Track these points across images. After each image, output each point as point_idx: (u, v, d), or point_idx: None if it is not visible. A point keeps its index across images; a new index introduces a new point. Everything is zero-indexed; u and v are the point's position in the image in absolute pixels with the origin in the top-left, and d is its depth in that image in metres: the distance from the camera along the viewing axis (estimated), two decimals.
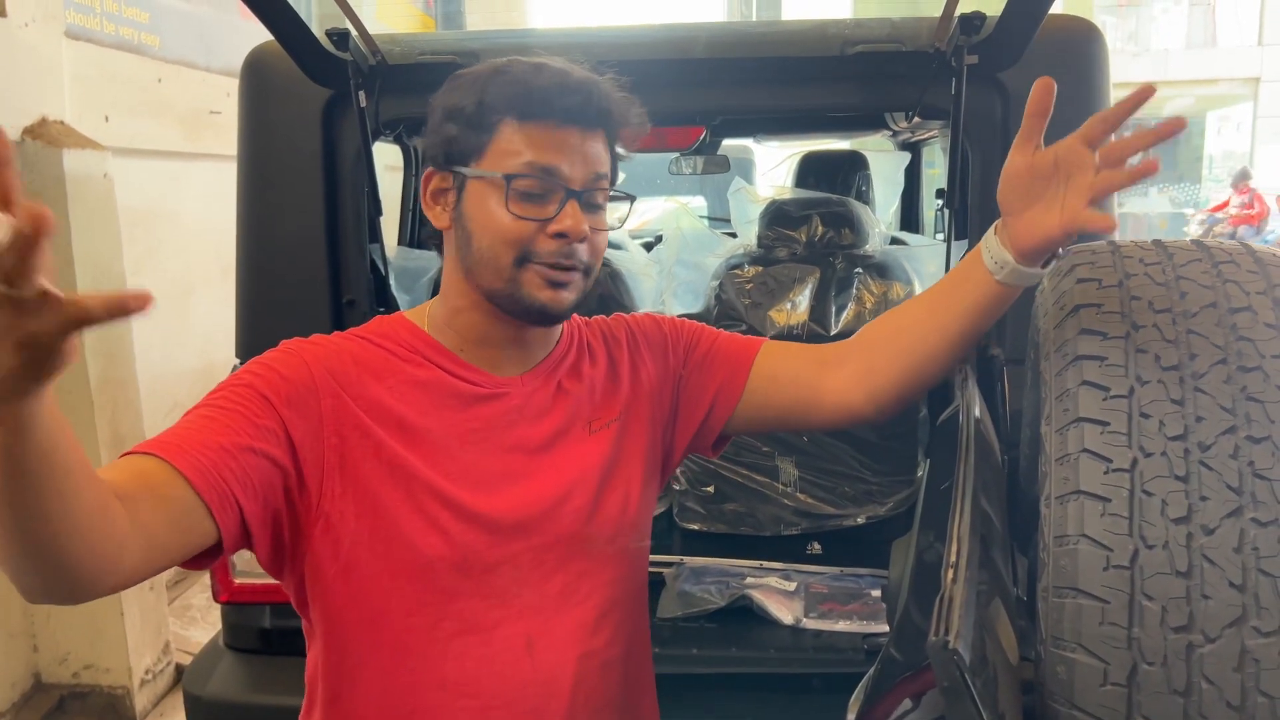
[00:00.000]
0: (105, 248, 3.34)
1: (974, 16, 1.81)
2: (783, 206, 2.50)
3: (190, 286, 4.31)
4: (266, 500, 1.10)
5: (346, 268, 2.09)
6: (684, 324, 1.45)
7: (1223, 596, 1.00)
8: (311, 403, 1.15)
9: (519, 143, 1.18)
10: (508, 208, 1.17)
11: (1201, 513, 1.03)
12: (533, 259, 1.19)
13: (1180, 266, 1.23)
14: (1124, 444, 1.07)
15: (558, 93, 1.19)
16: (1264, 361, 1.09)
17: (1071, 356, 1.16)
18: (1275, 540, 1.00)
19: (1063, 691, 1.06)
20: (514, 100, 1.18)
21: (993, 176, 1.99)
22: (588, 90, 1.21)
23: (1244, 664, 0.99)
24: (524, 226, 1.18)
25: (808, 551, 2.57)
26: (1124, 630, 1.03)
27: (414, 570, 1.18)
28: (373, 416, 1.17)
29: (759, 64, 2.01)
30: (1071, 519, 1.07)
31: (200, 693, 2.09)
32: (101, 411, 3.26)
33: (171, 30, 4.16)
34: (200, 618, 4.01)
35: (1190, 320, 1.15)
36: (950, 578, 0.95)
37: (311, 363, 1.17)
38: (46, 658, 3.40)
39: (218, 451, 1.04)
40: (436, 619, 1.20)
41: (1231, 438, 1.05)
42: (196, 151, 4.26)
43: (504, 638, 1.22)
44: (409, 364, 1.23)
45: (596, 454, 1.30)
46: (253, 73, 2.08)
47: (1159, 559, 1.03)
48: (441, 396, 1.22)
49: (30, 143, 3.16)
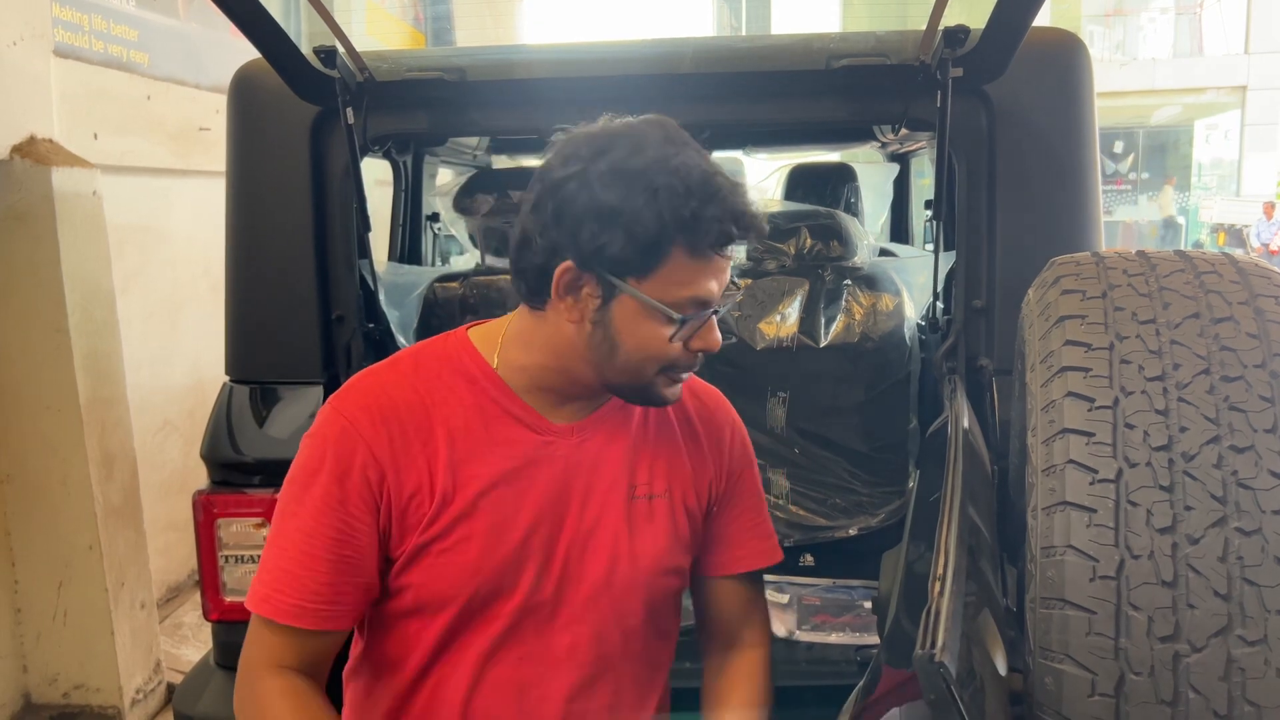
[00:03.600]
0: (94, 265, 3.33)
1: (958, 30, 1.82)
2: (772, 219, 2.51)
3: (180, 303, 4.30)
4: (370, 566, 1.26)
5: (335, 284, 2.08)
6: (745, 459, 1.49)
7: (1208, 606, 1.01)
8: (374, 484, 1.24)
9: (688, 274, 1.19)
10: (671, 339, 1.21)
11: (1186, 523, 1.03)
12: (671, 370, 1.25)
13: (1163, 277, 1.23)
14: (1109, 455, 1.08)
15: (732, 229, 1.19)
16: (1246, 371, 1.09)
17: (1056, 368, 1.17)
18: (1259, 549, 1.01)
19: (1051, 702, 1.06)
20: (691, 232, 1.16)
21: (978, 188, 2.02)
22: (752, 223, 1.21)
23: (1230, 673, 0.99)
24: (677, 348, 1.23)
25: (800, 564, 2.56)
26: (1111, 640, 1.03)
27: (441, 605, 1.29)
28: (423, 462, 1.25)
29: (745, 78, 2.02)
30: (1058, 530, 1.08)
31: (191, 712, 2.08)
32: (91, 430, 3.25)
33: (161, 48, 4.16)
34: (191, 636, 3.99)
35: (1174, 331, 1.15)
36: (937, 590, 0.95)
37: (370, 442, 1.24)
38: (36, 678, 3.38)
39: (329, 589, 1.22)
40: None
41: (1215, 447, 1.05)
42: (186, 168, 4.26)
43: (498, 678, 1.30)
44: (459, 404, 1.28)
45: (630, 520, 1.33)
46: (241, 90, 2.08)
47: (1145, 569, 1.03)
48: (492, 433, 1.28)
49: (19, 161, 3.16)
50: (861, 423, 2.43)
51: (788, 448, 2.46)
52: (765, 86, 2.03)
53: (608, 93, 2.08)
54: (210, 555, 2.05)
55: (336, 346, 2.10)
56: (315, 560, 1.22)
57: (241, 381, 2.11)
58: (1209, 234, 20.15)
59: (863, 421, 2.43)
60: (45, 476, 3.25)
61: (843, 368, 2.38)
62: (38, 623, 3.33)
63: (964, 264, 2.04)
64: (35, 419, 3.22)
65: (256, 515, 2.05)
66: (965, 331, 2.03)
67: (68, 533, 3.27)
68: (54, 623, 3.33)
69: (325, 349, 2.09)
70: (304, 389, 2.09)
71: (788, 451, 2.45)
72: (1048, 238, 1.99)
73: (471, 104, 2.05)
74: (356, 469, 1.23)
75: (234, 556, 2.07)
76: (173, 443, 4.18)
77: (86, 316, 3.26)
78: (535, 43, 6.50)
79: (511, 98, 2.06)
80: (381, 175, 3.19)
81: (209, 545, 2.05)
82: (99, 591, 3.30)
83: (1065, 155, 2.01)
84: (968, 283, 2.04)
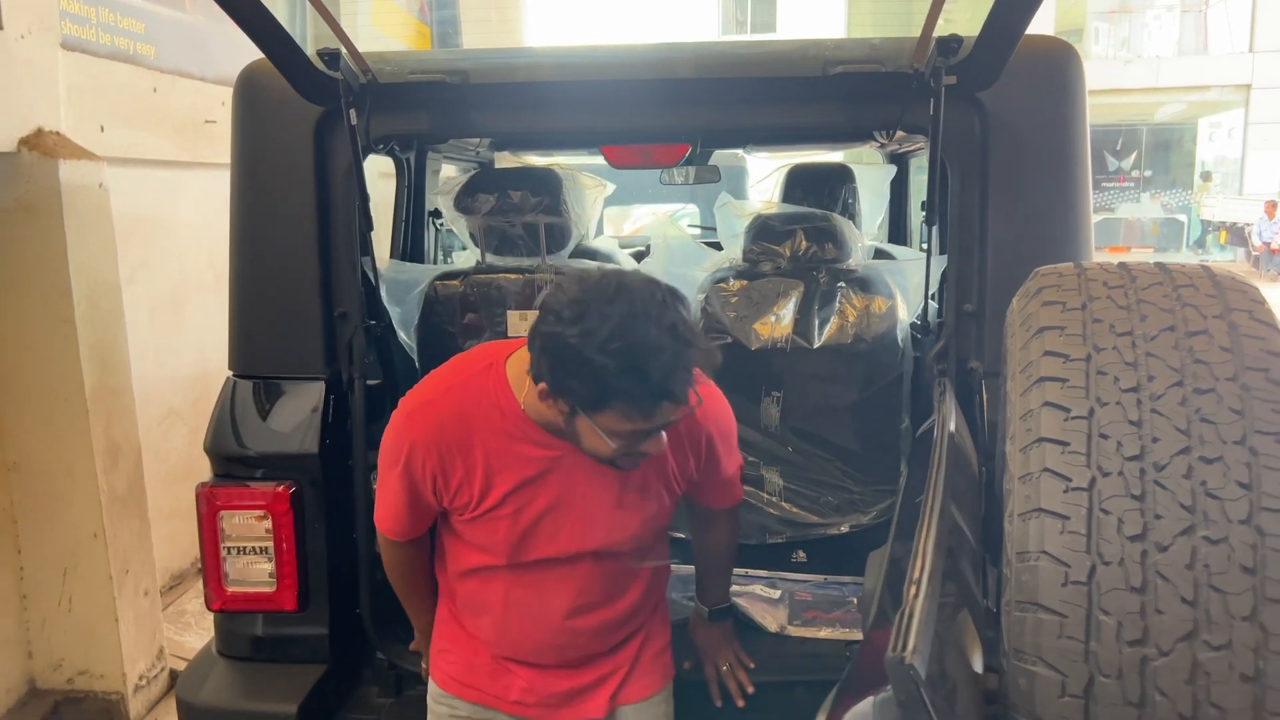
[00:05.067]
0: (101, 257, 3.37)
1: (951, 39, 1.85)
2: (767, 221, 2.54)
3: (185, 295, 4.34)
4: (430, 514, 1.82)
5: (338, 281, 2.12)
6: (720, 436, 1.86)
7: (1175, 611, 1.04)
8: (431, 471, 1.73)
9: (625, 422, 1.53)
10: (616, 454, 1.60)
11: (1156, 530, 1.07)
12: (616, 459, 1.62)
13: (1142, 290, 1.27)
14: (1083, 464, 1.11)
15: (660, 404, 1.51)
16: (1218, 384, 1.13)
17: (1035, 377, 1.20)
18: (1225, 557, 1.04)
19: (1024, 703, 1.10)
20: (625, 400, 1.50)
21: (971, 193, 2.05)
22: (686, 374, 1.50)
23: (1195, 676, 1.03)
24: (618, 444, 1.58)
25: (793, 559, 2.60)
26: (1081, 644, 1.07)
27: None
28: (465, 466, 1.72)
29: (742, 84, 2.05)
30: (1033, 536, 1.11)
31: (193, 700, 2.12)
32: (96, 418, 3.29)
33: (167, 40, 4.18)
34: (194, 624, 4.04)
35: (1150, 343, 1.19)
36: (912, 594, 0.99)
37: (419, 445, 1.71)
38: (41, 664, 3.42)
39: (420, 515, 1.80)
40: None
41: (1185, 458, 1.09)
42: (192, 160, 4.28)
43: (526, 582, 1.82)
44: (495, 425, 1.70)
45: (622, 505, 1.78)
46: (247, 89, 2.11)
47: (1115, 575, 1.07)
48: (521, 449, 1.71)
49: (26, 153, 3.19)
50: (854, 422, 2.46)
51: (781, 446, 2.50)
52: (762, 92, 2.07)
53: (606, 97, 2.11)
54: (213, 546, 2.10)
55: (338, 342, 2.14)
56: (399, 509, 1.78)
57: (245, 376, 2.15)
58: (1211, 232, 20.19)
59: (855, 421, 2.46)
60: (51, 465, 3.30)
61: (836, 368, 2.41)
62: (43, 609, 3.38)
63: (955, 268, 2.07)
64: (41, 408, 3.26)
65: (259, 508, 2.09)
66: (956, 334, 2.06)
67: (73, 520, 3.32)
68: (59, 609, 3.37)
69: (327, 345, 2.13)
70: (306, 384, 2.13)
71: (781, 450, 2.49)
72: (1038, 243, 2.03)
73: (473, 106, 2.09)
74: (417, 467, 1.72)
75: (236, 548, 2.11)
76: (177, 432, 4.23)
77: (92, 307, 3.30)
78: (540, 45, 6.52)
79: (512, 101, 2.09)
80: (386, 168, 3.22)
81: (212, 537, 2.10)
82: (103, 579, 3.34)
83: (1056, 162, 2.04)
84: (959, 286, 2.07)
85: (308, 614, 2.13)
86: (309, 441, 2.10)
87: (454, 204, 2.55)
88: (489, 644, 1.88)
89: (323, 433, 2.10)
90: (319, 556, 2.12)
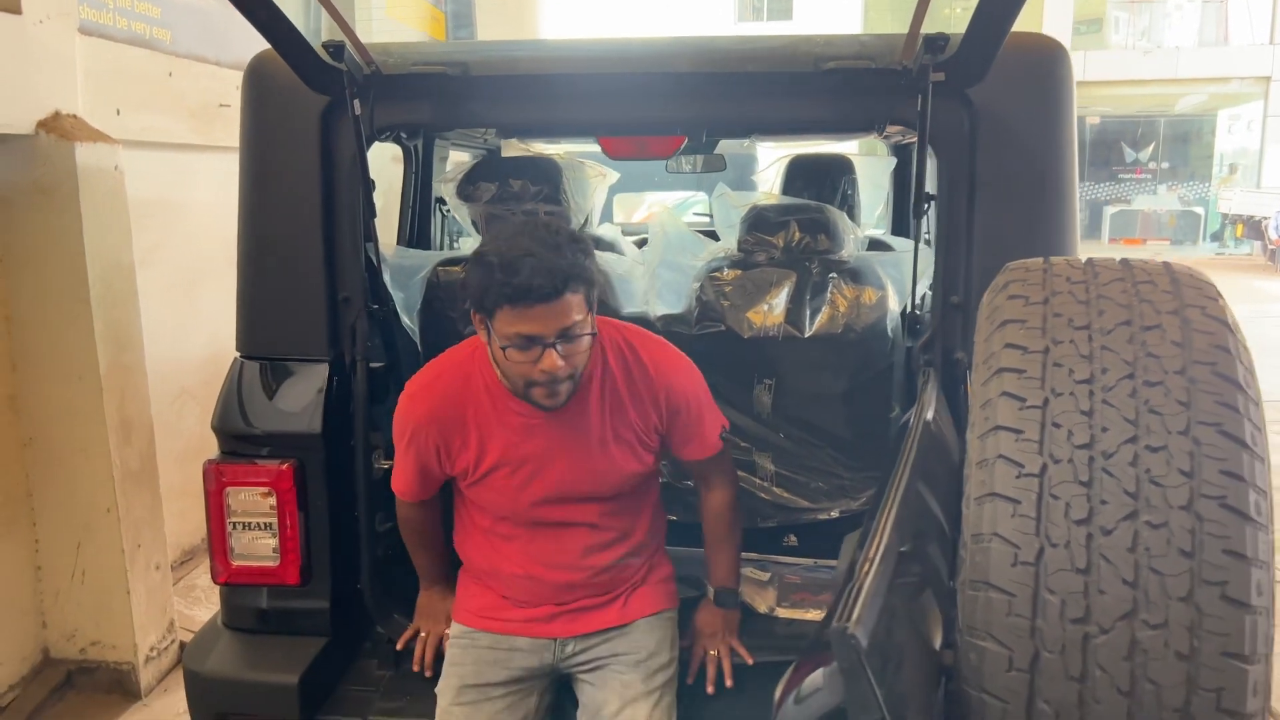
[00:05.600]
0: (115, 239, 3.44)
1: (938, 37, 1.89)
2: (762, 212, 2.59)
3: (198, 276, 4.41)
4: (438, 478, 2.10)
5: (342, 266, 2.18)
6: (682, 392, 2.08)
7: (1116, 592, 1.10)
8: (432, 443, 2.03)
9: (510, 323, 1.79)
10: (511, 363, 1.84)
11: (1101, 515, 1.13)
12: (533, 385, 1.86)
13: (1103, 285, 1.32)
14: (1035, 451, 1.17)
15: (527, 288, 1.75)
16: (1167, 377, 1.18)
17: (995, 368, 1.26)
18: (1165, 541, 1.10)
19: (974, 676, 1.16)
20: (501, 298, 1.77)
21: (958, 187, 2.10)
22: (548, 273, 1.76)
23: (1134, 653, 1.09)
24: (521, 368, 1.84)
25: (785, 543, 2.66)
26: (1028, 621, 1.13)
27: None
28: (460, 437, 2.01)
29: (737, 78, 2.10)
30: (986, 519, 1.17)
31: (199, 669, 2.18)
32: (110, 396, 3.37)
33: (182, 25, 4.25)
34: (204, 598, 4.12)
35: (1105, 337, 1.24)
36: (864, 570, 1.05)
37: (418, 418, 2.03)
38: (55, 634, 3.52)
39: (429, 479, 2.09)
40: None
41: (1132, 447, 1.15)
42: (206, 144, 4.34)
43: (536, 535, 2.07)
44: (480, 401, 2.00)
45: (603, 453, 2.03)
46: (255, 79, 2.17)
47: (1061, 557, 1.13)
48: (504, 418, 1.99)
49: (44, 136, 3.27)
50: (844, 410, 2.52)
51: (773, 432, 2.55)
52: (757, 86, 2.11)
53: (606, 90, 2.16)
54: (219, 522, 2.16)
55: (342, 326, 2.20)
56: (411, 476, 2.08)
57: (251, 357, 2.22)
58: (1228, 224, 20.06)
59: (845, 409, 2.51)
60: (66, 441, 3.38)
61: (826, 357, 2.46)
62: (57, 581, 3.47)
63: (942, 260, 2.11)
64: (57, 386, 3.35)
65: (264, 485, 2.16)
66: (942, 325, 2.11)
67: (87, 495, 3.40)
68: (72, 581, 3.47)
69: (331, 328, 2.19)
70: (311, 365, 2.19)
71: (773, 436, 2.55)
72: (1024, 237, 2.07)
73: (474, 97, 2.14)
74: (421, 441, 2.02)
75: (242, 523, 2.18)
76: (189, 411, 4.31)
77: (107, 288, 3.38)
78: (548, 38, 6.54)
79: (512, 92, 2.14)
80: (398, 153, 3.27)
81: (218, 512, 2.16)
82: (116, 552, 3.43)
83: (1043, 157, 2.08)
84: (945, 278, 2.11)
85: (310, 588, 2.19)
86: (313, 421, 2.16)
87: (456, 191, 2.61)
88: (513, 596, 2.10)
89: (326, 413, 2.16)
90: (321, 533, 2.18)
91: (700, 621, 2.18)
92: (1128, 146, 22.97)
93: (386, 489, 2.27)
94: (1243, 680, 1.06)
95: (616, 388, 2.02)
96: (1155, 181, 23.01)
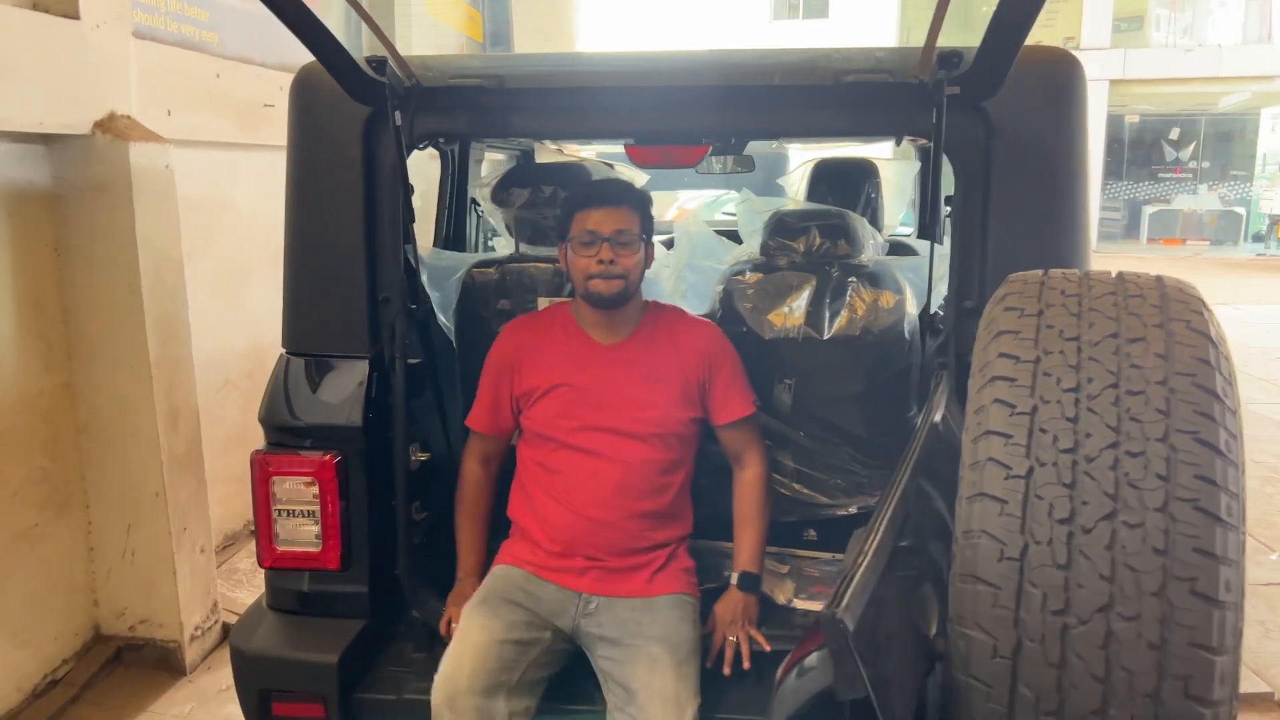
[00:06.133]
0: (165, 235, 3.58)
1: (951, 54, 1.96)
2: (784, 218, 2.68)
3: (244, 270, 4.56)
4: (509, 406, 2.43)
5: (383, 268, 2.28)
6: (724, 354, 2.43)
7: (1094, 586, 1.19)
8: (510, 364, 2.41)
9: (579, 224, 2.30)
10: (575, 255, 2.31)
11: (1081, 515, 1.21)
12: (591, 278, 2.28)
13: (1095, 299, 1.40)
14: (1023, 454, 1.26)
15: (595, 192, 2.35)
16: (1149, 387, 1.26)
17: (989, 376, 1.35)
18: (1140, 540, 1.19)
19: (962, 663, 1.26)
20: (575, 204, 2.34)
21: (974, 196, 2.17)
22: (612, 185, 2.41)
23: (1108, 643, 1.18)
24: (585, 262, 2.28)
25: (805, 538, 2.75)
26: (1012, 612, 1.22)
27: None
28: (531, 360, 2.39)
29: (761, 91, 2.18)
30: (976, 517, 1.26)
31: (245, 647, 2.29)
32: (159, 385, 3.51)
33: (230, 28, 4.40)
34: (245, 581, 4.27)
35: (1093, 348, 1.33)
36: (857, 562, 1.14)
37: (506, 345, 2.44)
38: (106, 611, 3.68)
39: (500, 409, 2.43)
40: None
41: (1113, 452, 1.23)
42: (251, 142, 4.48)
43: (583, 461, 2.32)
44: (554, 330, 2.42)
45: (648, 391, 2.36)
46: (302, 89, 2.29)
47: (1044, 553, 1.21)
48: (570, 346, 2.39)
49: (100, 136, 3.41)
50: (862, 410, 2.60)
51: (794, 430, 2.64)
52: (780, 99, 2.20)
53: (634, 102, 2.26)
54: (265, 509, 2.28)
55: (382, 324, 2.31)
56: (485, 403, 2.43)
57: (296, 354, 2.33)
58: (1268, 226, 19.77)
59: (864, 409, 2.60)
60: (118, 427, 3.53)
61: (845, 359, 2.54)
62: (108, 561, 3.63)
63: (957, 266, 2.19)
64: (109, 374, 3.50)
65: (307, 475, 2.27)
66: (956, 329, 2.18)
67: (136, 479, 3.55)
68: (123, 561, 3.62)
69: (372, 326, 2.30)
70: (352, 362, 2.31)
71: (793, 434, 2.64)
72: (1037, 244, 2.14)
73: (508, 108, 2.24)
74: (501, 357, 2.42)
75: (286, 511, 2.29)
76: (233, 400, 4.46)
77: (157, 281, 3.52)
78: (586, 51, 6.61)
79: (545, 104, 2.24)
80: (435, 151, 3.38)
81: (264, 500, 2.28)
82: (163, 535, 3.58)
83: (1057, 168, 2.15)
84: (960, 284, 2.19)
85: (349, 573, 2.29)
86: (354, 415, 2.26)
87: (490, 196, 2.72)
88: (551, 541, 2.29)
89: (366, 407, 2.27)
90: (361, 521, 2.29)
91: (720, 609, 2.29)
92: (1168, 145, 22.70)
93: (423, 480, 2.39)
94: (1210, 669, 1.15)
95: (665, 334, 2.39)
96: (1196, 181, 22.72)
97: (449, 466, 2.55)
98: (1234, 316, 12.71)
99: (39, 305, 3.37)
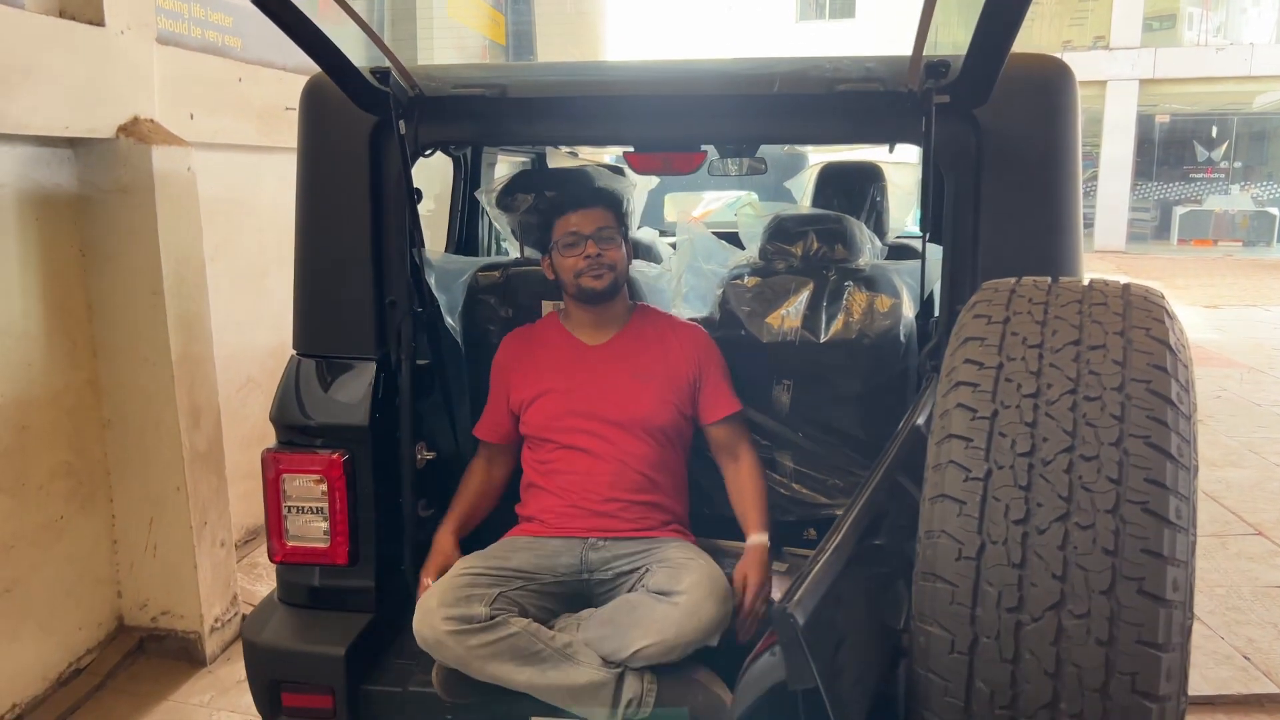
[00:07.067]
0: (188, 236, 3.68)
1: (939, 63, 2.00)
2: (783, 223, 2.73)
3: (264, 270, 4.65)
4: (509, 414, 2.57)
5: (390, 272, 2.35)
6: (711, 357, 2.58)
7: (1046, 585, 1.23)
8: (506, 376, 2.57)
9: (561, 229, 2.47)
10: (563, 257, 2.47)
11: (1036, 516, 1.26)
12: (581, 275, 2.44)
13: (1060, 306, 1.44)
14: (981, 457, 1.30)
15: (572, 198, 2.51)
16: (1105, 393, 1.30)
17: (954, 382, 1.39)
18: (1091, 540, 1.23)
19: (921, 658, 1.30)
20: (554, 211, 2.50)
21: (965, 202, 2.21)
22: (584, 189, 2.60)
23: (1060, 639, 1.22)
24: (572, 262, 2.45)
25: (804, 537, 2.80)
26: (968, 609, 1.26)
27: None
28: (523, 370, 2.54)
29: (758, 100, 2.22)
30: (936, 517, 1.31)
31: (256, 640, 2.36)
32: (181, 383, 3.61)
33: (251, 33, 4.49)
34: (265, 575, 4.36)
35: (1054, 355, 1.37)
36: (815, 559, 1.19)
37: (501, 359, 2.60)
38: (129, 603, 3.78)
39: (499, 419, 2.58)
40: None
41: (1068, 455, 1.27)
42: (271, 145, 4.57)
43: (579, 457, 2.45)
44: (544, 339, 2.58)
45: (638, 389, 2.49)
46: (311, 98, 2.36)
47: (999, 553, 1.26)
48: (559, 351, 2.54)
49: (124, 140, 3.50)
50: (859, 412, 2.64)
51: (792, 432, 2.68)
52: (775, 107, 2.24)
53: (636, 111, 2.31)
54: (276, 506, 2.34)
55: (390, 327, 2.37)
56: (488, 413, 2.58)
57: (307, 355, 2.40)
58: None
59: (860, 411, 2.64)
60: (141, 423, 3.63)
61: (841, 361, 2.58)
62: (131, 554, 3.73)
63: (949, 272, 2.23)
64: (133, 371, 3.60)
65: (316, 472, 2.33)
66: (947, 334, 2.22)
67: (159, 474, 3.65)
68: (145, 554, 3.72)
69: (380, 329, 2.36)
70: (361, 363, 2.37)
71: (792, 435, 2.68)
72: (1026, 251, 2.17)
73: (511, 117, 2.29)
74: (502, 366, 2.58)
75: (296, 507, 2.35)
76: (254, 399, 4.56)
77: (180, 281, 3.61)
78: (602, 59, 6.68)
79: (547, 112, 2.29)
80: None
81: (275, 497, 2.34)
82: (185, 529, 3.68)
83: (1047, 174, 2.17)
84: (952, 290, 2.23)
85: (357, 568, 2.35)
86: (362, 415, 2.32)
87: (495, 201, 2.79)
88: (554, 519, 2.42)
89: (374, 408, 2.32)
90: (368, 517, 2.34)
91: (736, 571, 2.36)
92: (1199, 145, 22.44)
93: (428, 478, 2.45)
94: (1156, 666, 1.19)
95: (653, 334, 2.53)
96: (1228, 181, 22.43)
97: (455, 465, 2.61)
98: (1264, 319, 12.58)
99: (64, 304, 3.47)
